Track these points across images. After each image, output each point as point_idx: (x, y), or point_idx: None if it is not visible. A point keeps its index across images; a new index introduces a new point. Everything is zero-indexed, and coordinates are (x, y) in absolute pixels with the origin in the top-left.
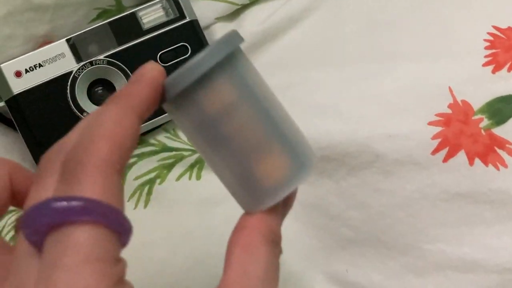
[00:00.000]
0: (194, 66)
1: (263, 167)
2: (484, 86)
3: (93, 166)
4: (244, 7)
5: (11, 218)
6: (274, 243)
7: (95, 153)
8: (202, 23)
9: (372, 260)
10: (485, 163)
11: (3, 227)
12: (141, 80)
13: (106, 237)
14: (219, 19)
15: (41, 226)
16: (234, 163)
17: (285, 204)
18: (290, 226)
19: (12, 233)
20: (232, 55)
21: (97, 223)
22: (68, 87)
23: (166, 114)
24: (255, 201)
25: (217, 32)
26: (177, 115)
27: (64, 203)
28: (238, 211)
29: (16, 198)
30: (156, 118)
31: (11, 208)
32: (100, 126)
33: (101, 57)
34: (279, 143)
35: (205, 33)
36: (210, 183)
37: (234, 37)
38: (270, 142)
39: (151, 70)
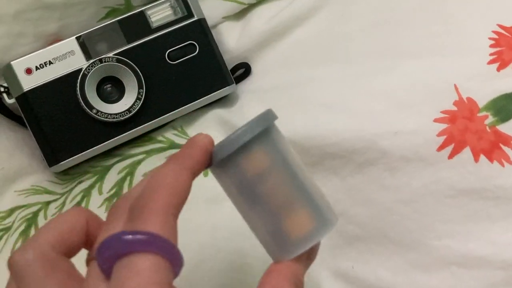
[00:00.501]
0: (237, 137)
1: (291, 223)
2: (489, 84)
3: (155, 209)
4: (251, 6)
5: (20, 213)
6: (297, 287)
7: (157, 200)
8: (210, 21)
9: (378, 256)
10: (490, 159)
11: (13, 222)
12: (195, 146)
13: (163, 266)
14: (227, 18)
15: (111, 254)
16: (267, 218)
17: (309, 256)
18: None
19: (22, 228)
20: (267, 130)
21: (157, 254)
22: (78, 84)
23: (173, 112)
24: (282, 251)
25: (224, 31)
26: (221, 176)
27: (130, 236)
28: None
29: (89, 241)
30: (163, 116)
31: (21, 203)
32: (162, 180)
33: (110, 54)
34: (305, 203)
35: (213, 31)
36: None
37: (269, 115)
38: (298, 202)
39: (204, 138)
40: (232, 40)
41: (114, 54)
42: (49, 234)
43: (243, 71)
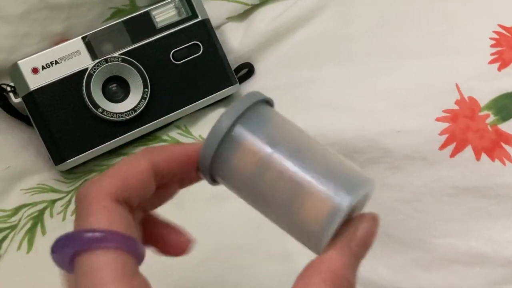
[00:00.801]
0: (208, 145)
1: (306, 213)
2: (490, 83)
3: (95, 198)
4: (255, 7)
5: (26, 211)
6: (337, 287)
7: (99, 186)
8: (214, 22)
9: (380, 255)
10: (492, 158)
11: (20, 220)
12: (174, 147)
13: (119, 258)
14: (230, 18)
15: (65, 254)
16: (282, 213)
17: (360, 244)
18: None
19: (28, 226)
20: (251, 115)
21: (108, 248)
22: (84, 84)
23: (177, 111)
24: (312, 244)
25: (228, 31)
26: (222, 182)
27: (86, 235)
28: (248, 206)
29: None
30: (168, 115)
31: (27, 202)
32: (118, 166)
33: (116, 54)
34: (315, 187)
35: (217, 32)
36: None
37: (246, 100)
38: (307, 189)
39: (189, 146)
40: (235, 40)
41: (119, 54)
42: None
43: (246, 71)
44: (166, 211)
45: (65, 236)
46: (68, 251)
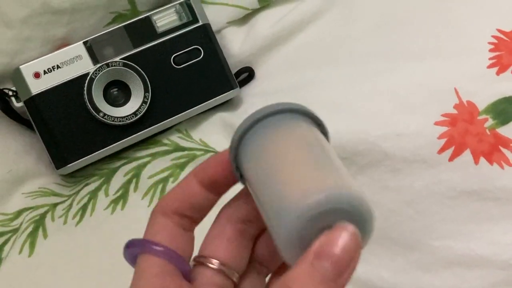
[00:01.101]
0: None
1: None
2: (488, 87)
3: (155, 212)
4: (255, 11)
5: (28, 215)
6: None
7: (160, 203)
8: (214, 26)
9: (381, 257)
10: (490, 161)
11: (21, 223)
12: (209, 160)
13: (169, 268)
14: (231, 23)
15: (130, 252)
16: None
17: (339, 262)
18: None
19: (30, 229)
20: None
21: (159, 257)
22: (85, 88)
23: (178, 115)
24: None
25: (228, 36)
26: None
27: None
28: None
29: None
30: (168, 119)
31: (28, 205)
32: (173, 189)
33: (117, 59)
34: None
35: (217, 36)
36: None
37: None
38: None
39: (218, 155)
40: (236, 44)
41: (120, 59)
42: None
43: (246, 75)
44: None
45: (133, 241)
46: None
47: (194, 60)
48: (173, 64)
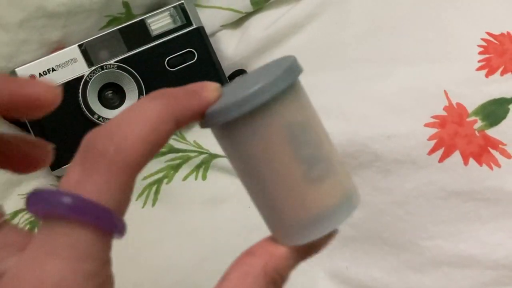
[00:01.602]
0: (253, 95)
1: (315, 194)
2: (478, 89)
3: (115, 167)
4: (249, 14)
5: (24, 216)
6: (274, 283)
7: (127, 153)
8: (208, 30)
9: (372, 257)
10: (479, 163)
11: (17, 224)
12: (196, 97)
13: (99, 240)
14: (225, 26)
15: (38, 212)
16: (272, 196)
17: (307, 250)
18: None
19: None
20: (291, 86)
21: (94, 226)
22: (80, 91)
23: None
24: (282, 235)
25: (222, 39)
26: (224, 138)
27: (67, 200)
28: (242, 209)
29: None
30: None
31: (24, 207)
32: (141, 122)
33: (112, 62)
34: (332, 174)
35: (211, 39)
36: (215, 183)
37: (295, 67)
38: (325, 171)
39: (210, 91)
40: (230, 47)
41: (115, 61)
42: None
43: None
44: (160, 214)
45: (34, 195)
46: (38, 209)
47: (188, 63)
48: (167, 67)
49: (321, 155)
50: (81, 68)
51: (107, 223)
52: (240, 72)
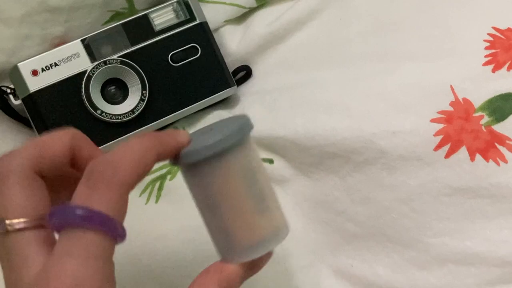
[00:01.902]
0: (214, 144)
1: (246, 229)
2: (484, 85)
3: (114, 184)
4: (252, 10)
5: None
6: None
7: (118, 174)
8: (212, 25)
9: (377, 254)
10: (486, 158)
11: None
12: (174, 137)
13: (105, 243)
14: (228, 21)
15: (58, 223)
16: (225, 221)
17: (253, 265)
18: (297, 222)
19: None
20: (244, 138)
21: (100, 231)
22: (83, 86)
23: (175, 113)
24: (232, 254)
25: (226, 34)
26: (188, 175)
27: (80, 211)
28: None
29: (77, 163)
30: (166, 117)
31: None
32: (129, 155)
33: (115, 57)
34: (263, 211)
35: (215, 35)
36: None
37: (248, 123)
38: (256, 209)
39: (183, 135)
40: (233, 43)
41: (118, 56)
42: (29, 152)
43: (244, 73)
44: (163, 210)
45: (55, 211)
46: (59, 223)
47: (192, 58)
48: (171, 62)
49: (264, 193)
50: (84, 63)
51: (111, 228)
52: (244, 68)
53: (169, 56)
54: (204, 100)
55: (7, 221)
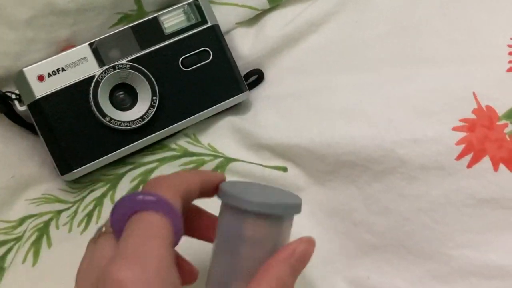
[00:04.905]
0: (269, 206)
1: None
2: (508, 92)
3: (166, 185)
4: (265, 12)
5: (31, 223)
6: None
7: (169, 181)
8: (223, 27)
9: (396, 266)
10: (510, 168)
11: (24, 231)
12: (217, 178)
13: (167, 225)
14: (240, 24)
15: (125, 211)
16: (231, 272)
17: (299, 259)
18: (312, 231)
19: (33, 238)
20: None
21: (163, 215)
22: (91, 92)
23: (186, 120)
24: None
25: (238, 37)
26: (225, 213)
27: (141, 197)
28: None
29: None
30: (176, 124)
31: (32, 212)
32: (180, 175)
33: (124, 61)
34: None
35: (226, 37)
36: None
37: (298, 207)
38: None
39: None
40: (245, 46)
41: (127, 61)
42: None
43: (256, 77)
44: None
45: (122, 200)
46: (125, 211)
47: (203, 63)
48: (181, 67)
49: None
50: (92, 68)
51: (176, 219)
52: (256, 72)
53: (180, 61)
54: (216, 106)
55: None
